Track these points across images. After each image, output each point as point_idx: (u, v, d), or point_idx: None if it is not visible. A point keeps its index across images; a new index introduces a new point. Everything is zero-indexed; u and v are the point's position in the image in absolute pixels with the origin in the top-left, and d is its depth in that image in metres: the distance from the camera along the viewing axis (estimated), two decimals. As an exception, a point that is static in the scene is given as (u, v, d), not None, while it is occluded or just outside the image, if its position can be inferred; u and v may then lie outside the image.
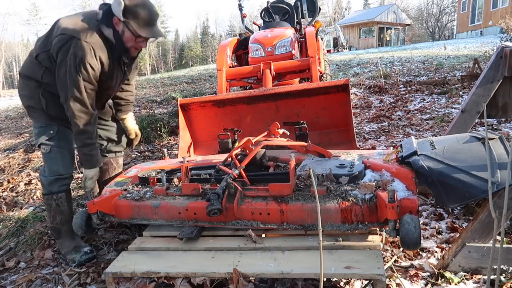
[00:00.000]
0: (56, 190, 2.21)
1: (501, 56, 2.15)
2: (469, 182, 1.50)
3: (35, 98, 2.16)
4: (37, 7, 53.01)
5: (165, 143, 5.08)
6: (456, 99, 5.41)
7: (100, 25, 2.05)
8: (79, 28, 2.01)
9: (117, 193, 2.02)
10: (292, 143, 2.21)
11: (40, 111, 2.17)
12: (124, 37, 2.06)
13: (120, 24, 2.03)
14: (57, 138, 2.19)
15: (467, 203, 1.73)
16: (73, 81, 1.99)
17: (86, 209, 1.94)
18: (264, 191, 1.76)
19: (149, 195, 1.97)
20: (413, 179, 1.64)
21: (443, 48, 12.88)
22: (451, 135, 1.98)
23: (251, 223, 1.74)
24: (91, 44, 2.00)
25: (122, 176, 2.33)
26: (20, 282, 2.05)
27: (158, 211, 1.88)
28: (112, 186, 2.19)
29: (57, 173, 2.20)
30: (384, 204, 1.47)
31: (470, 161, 1.60)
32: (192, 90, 9.77)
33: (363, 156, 2.04)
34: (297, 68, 3.72)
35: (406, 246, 1.42)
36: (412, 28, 41.18)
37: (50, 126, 2.19)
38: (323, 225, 1.61)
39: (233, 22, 60.34)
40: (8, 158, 4.90)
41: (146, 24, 2.02)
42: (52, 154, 2.19)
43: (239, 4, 4.96)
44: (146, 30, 2.04)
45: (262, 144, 2.05)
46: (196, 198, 1.85)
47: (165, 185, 1.98)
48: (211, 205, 1.63)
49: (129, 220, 1.97)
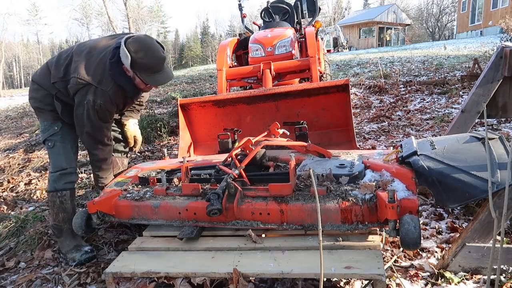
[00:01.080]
0: (61, 187, 2.25)
1: (501, 56, 2.15)
2: (469, 182, 1.50)
3: (44, 102, 2.27)
4: (37, 7, 53.07)
5: (165, 143, 5.08)
6: (456, 99, 5.41)
7: (116, 76, 2.13)
8: (96, 75, 2.11)
9: (117, 193, 2.02)
10: (292, 143, 2.21)
11: (47, 112, 2.28)
12: (136, 82, 2.17)
13: (130, 72, 2.12)
14: (61, 134, 2.29)
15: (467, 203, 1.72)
16: (90, 122, 2.15)
17: (86, 209, 1.94)
18: (264, 191, 1.76)
19: (149, 195, 1.97)
20: (413, 179, 1.64)
21: (443, 48, 12.88)
22: (451, 135, 1.98)
23: (251, 223, 1.73)
24: (107, 91, 2.12)
25: (122, 176, 2.33)
26: (20, 282, 2.06)
27: (158, 211, 1.88)
28: (112, 186, 2.19)
29: (60, 167, 2.26)
30: (384, 204, 1.47)
31: (470, 161, 1.60)
32: (192, 90, 9.77)
33: (363, 156, 2.04)
34: (297, 68, 3.72)
35: (406, 246, 1.42)
36: (412, 28, 41.16)
37: (55, 123, 2.29)
38: (323, 225, 1.61)
39: (233, 22, 60.39)
40: (8, 158, 4.90)
41: (153, 72, 2.11)
42: (55, 149, 2.28)
43: (239, 4, 4.96)
44: (155, 78, 2.13)
45: (262, 144, 2.05)
46: (196, 198, 1.85)
47: (165, 185, 1.98)
48: (211, 205, 1.63)
49: (129, 220, 1.97)
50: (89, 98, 2.10)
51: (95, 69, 2.12)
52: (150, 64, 2.08)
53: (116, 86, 2.15)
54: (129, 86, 2.19)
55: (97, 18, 43.92)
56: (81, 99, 2.12)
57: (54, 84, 2.21)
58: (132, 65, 2.05)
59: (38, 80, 2.29)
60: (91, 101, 2.09)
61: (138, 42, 2.07)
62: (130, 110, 2.69)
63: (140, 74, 2.10)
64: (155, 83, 2.17)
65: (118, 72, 2.12)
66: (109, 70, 2.12)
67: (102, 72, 2.12)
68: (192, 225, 1.83)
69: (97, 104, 2.10)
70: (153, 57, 2.08)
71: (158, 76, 2.13)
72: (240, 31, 6.21)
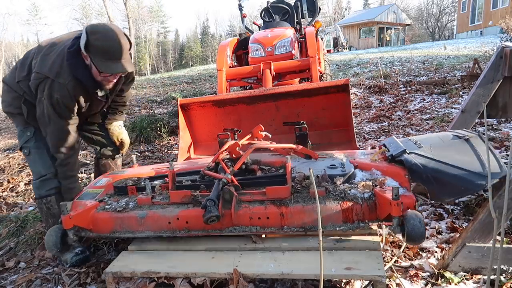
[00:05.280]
0: (45, 194, 2.18)
1: (501, 56, 2.15)
2: (464, 177, 1.55)
3: (14, 105, 2.19)
4: (37, 7, 53.03)
5: (165, 143, 5.08)
6: (456, 99, 5.41)
7: (74, 66, 1.99)
8: (54, 68, 1.98)
9: (93, 205, 1.86)
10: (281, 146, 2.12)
11: (18, 116, 2.21)
12: (92, 71, 2.02)
13: (88, 58, 1.96)
14: (35, 140, 2.20)
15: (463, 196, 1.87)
16: (51, 119, 2.02)
17: (60, 225, 1.77)
18: (260, 195, 1.70)
19: (132, 205, 1.83)
20: (406, 177, 1.66)
21: (443, 48, 12.89)
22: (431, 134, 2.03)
23: (249, 229, 1.67)
24: (66, 85, 1.98)
25: (90, 187, 2.16)
26: (20, 282, 2.05)
27: (145, 222, 1.75)
28: (82, 198, 2.02)
29: (39, 174, 2.19)
30: (388, 202, 1.48)
31: (459, 157, 1.65)
32: (192, 90, 9.78)
33: (348, 157, 2.04)
34: (297, 68, 3.72)
35: (412, 241, 1.43)
36: (412, 28, 41.16)
37: (27, 128, 2.21)
38: (325, 226, 1.60)
39: (233, 22, 60.37)
40: (8, 158, 4.89)
41: (109, 59, 1.92)
42: (31, 156, 2.21)
43: (239, 4, 4.96)
44: (108, 65, 1.93)
45: (254, 147, 1.95)
46: (187, 206, 1.76)
47: (150, 193, 1.84)
48: (209, 212, 1.55)
49: (110, 234, 1.81)
50: (46, 93, 1.97)
51: (53, 61, 2.00)
52: (105, 47, 1.89)
53: (75, 80, 2.00)
54: (88, 79, 2.03)
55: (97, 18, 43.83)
56: (40, 95, 2.00)
57: (19, 83, 2.11)
58: (86, 47, 1.89)
59: (8, 81, 2.20)
60: (48, 95, 1.96)
61: (97, 25, 1.94)
62: (113, 112, 2.55)
63: (94, 59, 1.92)
64: (108, 70, 1.95)
65: (76, 62, 1.97)
66: (67, 60, 1.97)
67: (60, 64, 1.98)
68: (185, 235, 1.75)
69: (54, 98, 1.97)
70: (110, 40, 1.89)
71: (112, 64, 1.93)
72: (240, 31, 6.21)
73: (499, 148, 3.27)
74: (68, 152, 2.13)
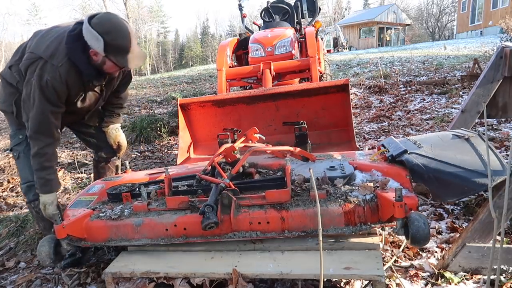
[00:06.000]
0: (32, 198, 2.14)
1: (501, 56, 2.15)
2: (467, 177, 1.53)
3: (7, 103, 2.13)
4: (37, 7, 52.89)
5: (165, 143, 5.08)
6: (456, 99, 5.41)
7: (71, 50, 1.93)
8: (49, 49, 1.93)
9: (87, 214, 1.81)
10: (278, 148, 2.11)
11: (11, 114, 2.15)
12: (105, 66, 1.98)
13: (98, 56, 1.93)
14: (25, 144, 2.13)
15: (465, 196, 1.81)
16: (35, 102, 1.92)
17: (53, 235, 1.71)
18: (259, 199, 1.67)
19: (127, 213, 1.78)
20: (408, 177, 1.64)
21: (443, 48, 12.88)
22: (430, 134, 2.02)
23: (249, 234, 1.64)
24: (58, 68, 1.91)
25: (83, 194, 2.10)
26: (20, 282, 2.06)
27: (141, 229, 1.71)
28: (74, 206, 1.97)
29: (26, 179, 2.14)
30: (391, 203, 1.45)
31: (461, 157, 1.64)
32: (192, 90, 9.78)
33: (346, 158, 2.03)
34: (297, 68, 3.72)
35: (417, 243, 1.40)
36: (412, 28, 41.17)
37: (20, 130, 2.15)
38: (327, 229, 1.57)
39: (233, 22, 60.36)
40: (8, 158, 4.89)
41: (126, 53, 1.92)
42: (20, 160, 2.16)
43: (239, 4, 4.96)
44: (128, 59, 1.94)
45: (252, 150, 1.91)
46: (185, 212, 1.72)
47: (146, 200, 1.79)
48: (207, 218, 1.51)
49: (105, 242, 1.76)
50: (37, 73, 1.88)
51: (50, 43, 1.94)
52: (123, 45, 1.88)
53: (69, 64, 1.93)
54: (84, 65, 1.95)
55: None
56: (29, 76, 1.91)
57: (11, 69, 2.05)
58: (105, 49, 1.85)
59: (3, 73, 2.14)
60: (38, 76, 1.88)
61: (103, 22, 1.86)
62: (109, 115, 2.50)
63: (114, 58, 1.90)
64: (132, 65, 1.95)
65: (75, 46, 1.91)
66: (66, 43, 1.92)
67: (57, 46, 1.93)
68: (182, 242, 1.71)
69: (44, 80, 1.88)
70: (124, 36, 1.88)
71: (131, 57, 1.93)
72: (240, 31, 6.22)
73: (499, 148, 3.27)
74: (47, 139, 1.99)
